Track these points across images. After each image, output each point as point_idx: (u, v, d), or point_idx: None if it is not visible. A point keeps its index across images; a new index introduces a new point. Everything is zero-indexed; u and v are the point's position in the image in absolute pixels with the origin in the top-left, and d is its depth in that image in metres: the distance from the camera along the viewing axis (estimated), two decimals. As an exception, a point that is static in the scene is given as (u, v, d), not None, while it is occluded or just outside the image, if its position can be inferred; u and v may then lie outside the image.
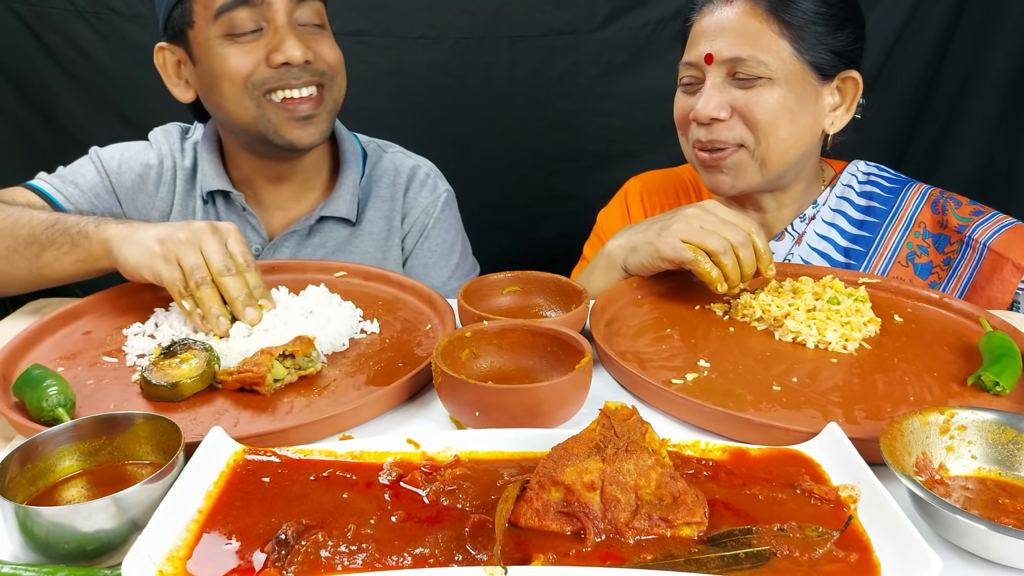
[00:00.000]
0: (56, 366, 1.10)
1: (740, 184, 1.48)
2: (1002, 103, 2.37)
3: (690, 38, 1.48)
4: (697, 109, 1.42)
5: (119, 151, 1.64)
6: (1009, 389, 1.04)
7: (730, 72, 1.40)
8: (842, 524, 0.74)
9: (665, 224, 1.28)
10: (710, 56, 1.40)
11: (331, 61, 1.51)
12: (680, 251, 1.24)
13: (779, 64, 1.39)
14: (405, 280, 1.39)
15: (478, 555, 0.70)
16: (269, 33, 1.43)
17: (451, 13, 2.28)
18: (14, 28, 2.25)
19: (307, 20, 1.47)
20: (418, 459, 0.84)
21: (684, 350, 1.17)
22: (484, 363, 1.05)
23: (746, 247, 1.23)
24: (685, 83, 1.49)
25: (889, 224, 1.54)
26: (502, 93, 2.43)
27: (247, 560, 0.69)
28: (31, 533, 0.72)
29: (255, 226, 1.64)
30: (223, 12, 1.40)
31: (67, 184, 1.54)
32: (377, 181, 1.72)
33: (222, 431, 0.84)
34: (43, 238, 1.27)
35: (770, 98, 1.39)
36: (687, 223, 1.25)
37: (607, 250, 1.40)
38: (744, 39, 1.38)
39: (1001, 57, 2.33)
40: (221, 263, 1.17)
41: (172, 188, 1.65)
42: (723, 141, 1.43)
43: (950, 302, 1.32)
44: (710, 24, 1.42)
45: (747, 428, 0.95)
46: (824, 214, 1.57)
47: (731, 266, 1.22)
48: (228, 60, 1.43)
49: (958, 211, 1.49)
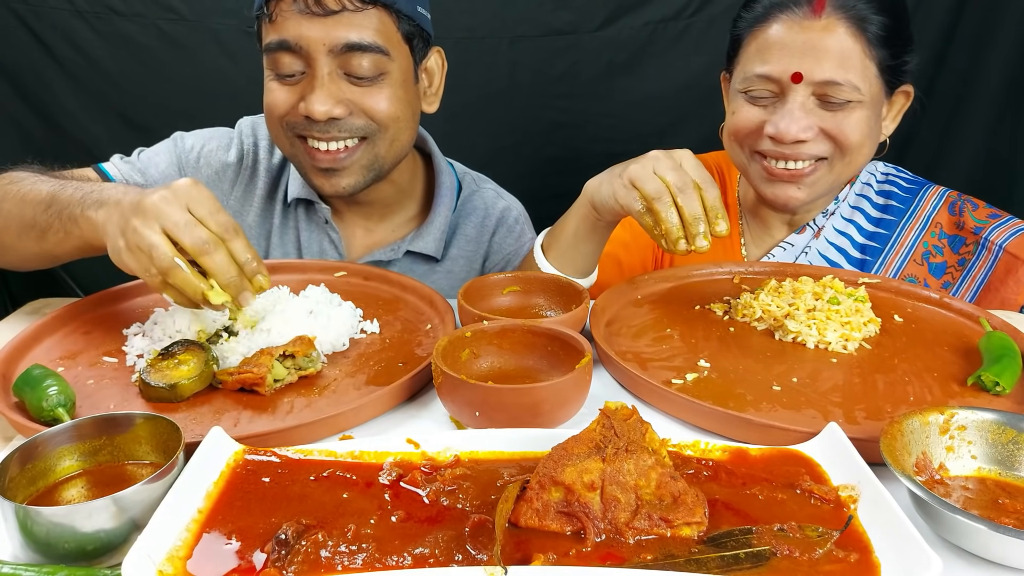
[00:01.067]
0: (56, 366, 1.10)
1: (810, 197, 1.44)
2: (1002, 102, 2.37)
3: (758, 45, 1.39)
4: (781, 129, 1.35)
5: (201, 142, 1.61)
6: (1009, 389, 1.04)
7: (818, 94, 1.34)
8: (842, 524, 0.74)
9: (627, 164, 1.20)
10: (799, 75, 1.32)
11: (380, 116, 1.40)
12: (629, 200, 1.16)
13: (867, 87, 1.35)
14: (405, 280, 1.39)
15: (478, 555, 0.70)
16: (307, 79, 1.38)
17: (451, 13, 2.28)
18: (14, 28, 2.25)
19: (359, 72, 1.36)
20: (418, 459, 0.84)
21: (684, 350, 1.17)
22: (484, 363, 1.05)
23: (686, 194, 1.13)
24: (756, 95, 1.40)
25: (906, 223, 1.54)
26: (502, 93, 2.43)
27: (247, 560, 0.69)
28: (31, 533, 0.72)
29: (335, 242, 1.60)
30: (268, 52, 1.39)
31: (135, 172, 1.53)
32: (466, 218, 1.68)
33: (222, 431, 0.84)
34: (41, 222, 1.21)
35: (859, 120, 1.36)
36: (643, 165, 1.16)
37: (585, 186, 1.31)
38: (839, 62, 1.32)
39: (1000, 56, 2.33)
40: (191, 240, 1.01)
41: (251, 187, 1.62)
42: (805, 155, 1.38)
43: (950, 302, 1.32)
44: (795, 39, 1.33)
45: (747, 428, 0.95)
46: (843, 210, 1.57)
47: (665, 214, 1.12)
48: (271, 95, 1.42)
49: (975, 213, 1.50)
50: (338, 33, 1.33)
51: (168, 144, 1.61)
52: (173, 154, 1.59)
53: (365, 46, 1.34)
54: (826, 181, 1.43)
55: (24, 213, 1.24)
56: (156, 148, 1.60)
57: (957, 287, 1.50)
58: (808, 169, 1.40)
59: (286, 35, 1.34)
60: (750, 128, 1.42)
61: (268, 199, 1.62)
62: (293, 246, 1.63)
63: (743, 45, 1.43)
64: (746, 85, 1.40)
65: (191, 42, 2.30)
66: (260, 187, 1.62)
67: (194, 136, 1.62)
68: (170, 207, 1.02)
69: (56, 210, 1.19)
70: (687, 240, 1.13)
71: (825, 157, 1.40)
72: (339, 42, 1.33)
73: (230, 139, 1.64)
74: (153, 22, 2.28)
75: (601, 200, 1.24)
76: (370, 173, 1.47)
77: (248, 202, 1.62)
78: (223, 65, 2.32)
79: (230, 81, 2.31)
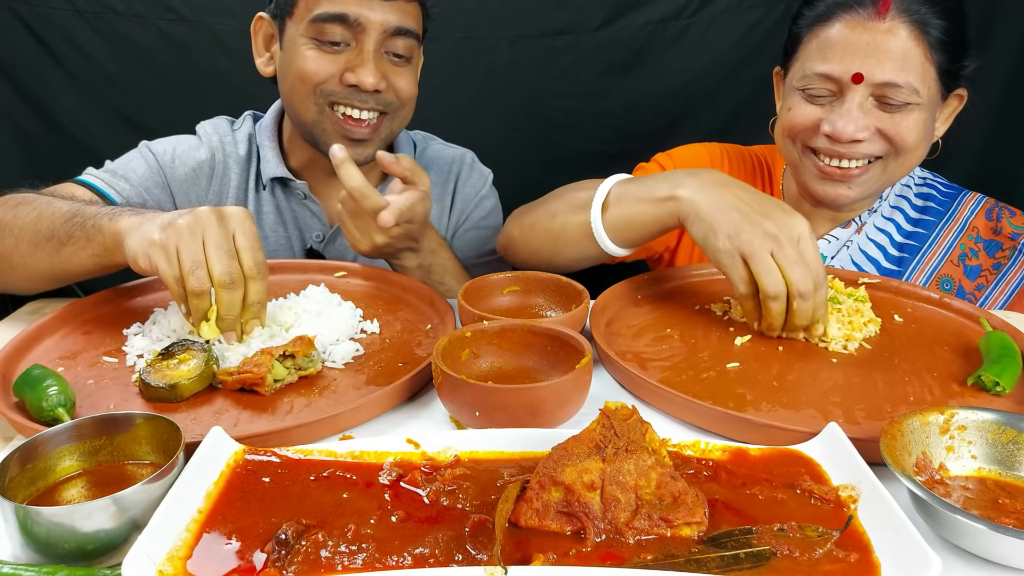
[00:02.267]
0: (56, 366, 1.10)
1: (860, 196, 1.45)
2: (1001, 101, 2.37)
3: (819, 44, 1.38)
4: (839, 129, 1.35)
5: (171, 145, 1.64)
6: (1009, 389, 1.04)
7: (877, 95, 1.34)
8: (842, 524, 0.74)
9: (739, 226, 1.11)
10: (860, 76, 1.32)
11: (403, 95, 1.53)
12: (735, 280, 1.12)
13: (925, 90, 1.35)
14: (405, 280, 1.39)
15: (478, 555, 0.70)
16: (354, 52, 1.46)
17: (451, 13, 2.28)
18: (14, 28, 2.25)
19: (396, 51, 1.49)
20: (418, 459, 0.84)
21: (684, 350, 1.17)
22: (484, 363, 1.05)
23: (807, 300, 1.10)
24: (814, 93, 1.39)
25: (945, 225, 1.55)
26: (502, 93, 2.43)
27: (247, 560, 0.69)
28: (31, 533, 0.72)
29: (316, 214, 1.66)
30: (319, 20, 1.43)
31: (117, 178, 1.54)
32: (427, 170, 1.71)
33: (222, 431, 0.84)
34: (61, 233, 1.23)
35: (916, 122, 1.36)
36: (761, 243, 1.10)
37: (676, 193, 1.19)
38: (900, 65, 1.32)
39: (1000, 55, 2.33)
40: (223, 271, 1.07)
41: (225, 180, 1.65)
42: (859, 154, 1.39)
43: (950, 302, 1.32)
44: (858, 39, 1.33)
45: (747, 428, 0.95)
46: (884, 209, 1.58)
47: (777, 313, 1.12)
48: (307, 62, 1.47)
49: (1012, 220, 1.53)
50: (393, 17, 1.46)
51: (135, 153, 1.62)
52: (147, 158, 1.60)
53: (408, 31, 1.48)
54: (878, 181, 1.43)
55: (40, 227, 1.25)
56: (126, 157, 1.61)
57: (991, 290, 1.52)
58: (860, 169, 1.41)
59: (346, 9, 1.43)
60: (806, 125, 1.42)
61: (242, 188, 1.66)
62: (277, 225, 1.67)
63: (803, 42, 1.43)
64: (805, 83, 1.40)
65: (191, 42, 2.29)
66: (233, 178, 1.66)
67: (162, 141, 1.65)
68: (216, 228, 1.08)
69: (79, 221, 1.22)
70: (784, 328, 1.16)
71: (880, 156, 1.40)
72: (393, 25, 1.46)
73: (198, 140, 1.67)
74: (153, 22, 2.27)
75: (695, 236, 1.18)
76: (383, 146, 1.58)
77: (224, 193, 1.66)
78: (223, 65, 2.32)
79: (230, 81, 2.31)
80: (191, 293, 1.07)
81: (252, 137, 1.68)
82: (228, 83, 2.32)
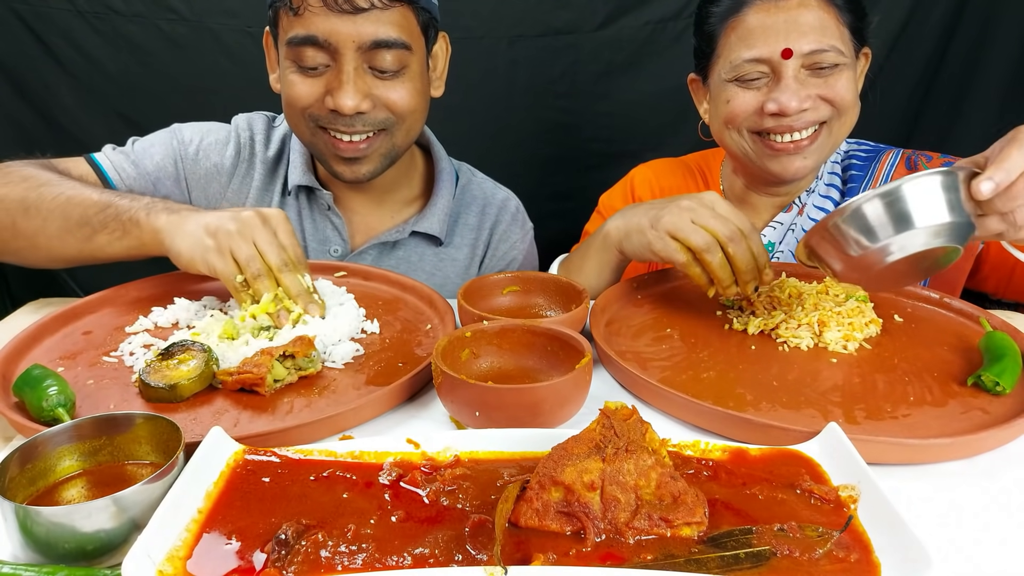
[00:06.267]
0: (56, 366, 1.10)
1: (816, 163, 1.50)
2: (1001, 102, 2.37)
3: (739, 34, 1.45)
4: (783, 103, 1.40)
5: (200, 135, 1.62)
6: (1009, 389, 1.04)
7: (807, 65, 1.41)
8: (842, 524, 0.74)
9: (658, 214, 1.24)
10: (789, 51, 1.39)
11: (399, 108, 1.44)
12: (671, 252, 1.21)
13: (847, 49, 1.43)
14: (405, 280, 1.39)
15: (478, 555, 0.70)
16: (332, 73, 1.39)
17: (450, 13, 2.27)
18: (14, 28, 2.25)
19: (383, 66, 1.39)
20: (418, 459, 0.84)
21: (684, 350, 1.17)
22: (484, 363, 1.05)
23: (736, 243, 1.18)
24: (747, 79, 1.46)
25: (867, 183, 1.60)
26: (502, 93, 2.43)
27: (247, 560, 0.69)
28: (31, 533, 0.72)
29: (338, 227, 1.62)
30: (293, 44, 1.38)
31: (128, 163, 1.54)
32: (467, 207, 1.71)
33: (222, 431, 0.84)
34: (95, 222, 1.26)
35: (849, 80, 1.44)
36: (678, 215, 1.21)
37: (605, 230, 1.38)
38: (821, 32, 1.40)
39: (1001, 53, 2.33)
40: (277, 258, 1.19)
41: (247, 180, 1.63)
42: (807, 122, 1.44)
43: (950, 302, 1.32)
44: (775, 20, 1.41)
45: (747, 428, 0.95)
46: (820, 188, 1.62)
47: (718, 264, 1.18)
48: (291, 88, 1.43)
49: (929, 164, 1.56)
50: (367, 30, 1.35)
51: (165, 135, 1.60)
52: (170, 146, 1.59)
53: (391, 42, 1.37)
54: (827, 145, 1.49)
55: (70, 212, 1.28)
56: (151, 139, 1.60)
57: None
58: (810, 137, 1.46)
59: (314, 30, 1.35)
60: (749, 111, 1.47)
61: (264, 190, 1.64)
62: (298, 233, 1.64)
63: (720, 38, 1.49)
64: (736, 72, 1.46)
65: (191, 42, 2.30)
66: (256, 179, 1.64)
67: (192, 128, 1.63)
68: (262, 229, 1.20)
69: (114, 212, 1.26)
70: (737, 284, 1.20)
71: (824, 121, 1.45)
72: (368, 39, 1.35)
73: (227, 134, 1.65)
74: (153, 22, 2.27)
75: (633, 250, 1.31)
76: (387, 160, 1.52)
77: (243, 193, 1.64)
78: (223, 65, 2.32)
79: (230, 81, 2.31)
80: (251, 278, 1.18)
81: (287, 139, 1.65)
82: (228, 83, 2.32)
